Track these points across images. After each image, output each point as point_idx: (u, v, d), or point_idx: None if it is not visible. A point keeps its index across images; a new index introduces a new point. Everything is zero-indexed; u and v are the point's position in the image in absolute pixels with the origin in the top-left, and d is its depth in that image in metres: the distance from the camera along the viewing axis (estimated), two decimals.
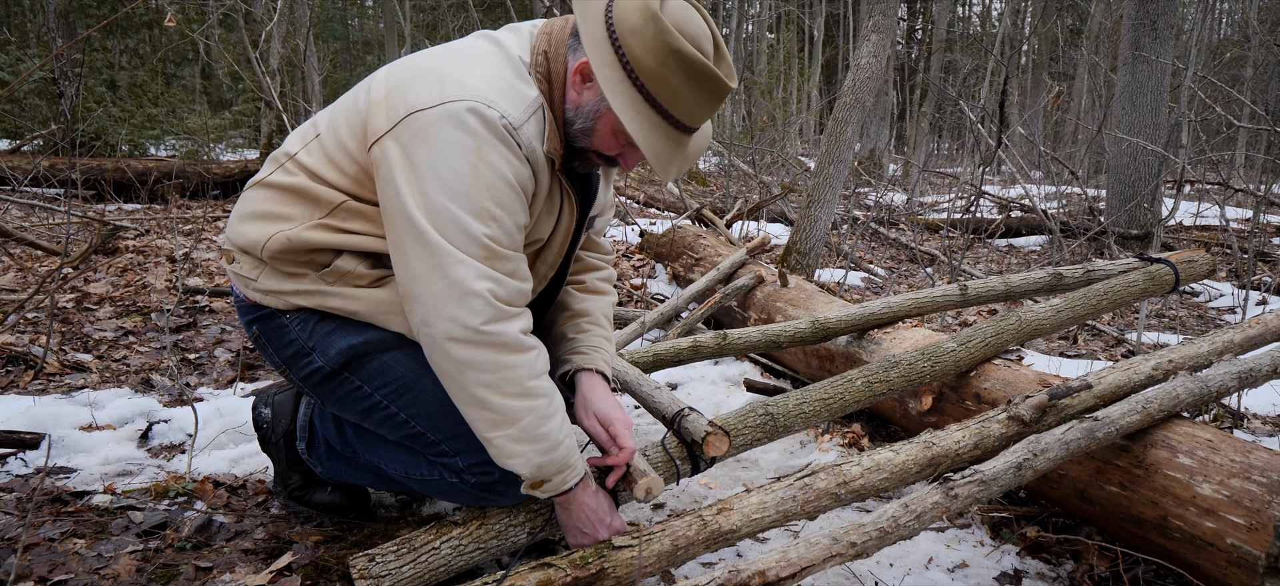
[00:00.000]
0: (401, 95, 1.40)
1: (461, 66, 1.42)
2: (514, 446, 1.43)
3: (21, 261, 4.47)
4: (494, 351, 1.38)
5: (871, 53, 4.42)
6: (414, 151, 1.36)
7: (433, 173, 1.35)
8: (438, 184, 1.34)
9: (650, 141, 1.42)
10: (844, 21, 25.31)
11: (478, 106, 1.36)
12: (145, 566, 1.65)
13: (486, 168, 1.36)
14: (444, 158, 1.35)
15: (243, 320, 1.66)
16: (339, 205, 1.49)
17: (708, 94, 1.41)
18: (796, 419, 1.90)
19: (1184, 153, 6.89)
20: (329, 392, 1.61)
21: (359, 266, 1.52)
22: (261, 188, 1.58)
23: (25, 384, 2.71)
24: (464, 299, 1.35)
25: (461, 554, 1.52)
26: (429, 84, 1.39)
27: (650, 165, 1.45)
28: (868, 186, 10.51)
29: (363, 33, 25.43)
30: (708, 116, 1.46)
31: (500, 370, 1.39)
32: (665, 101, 1.40)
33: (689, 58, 1.36)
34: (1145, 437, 1.75)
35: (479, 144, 1.35)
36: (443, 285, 1.36)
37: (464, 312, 1.36)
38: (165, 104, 10.45)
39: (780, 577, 1.37)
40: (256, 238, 1.54)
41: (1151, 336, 4.08)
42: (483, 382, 1.39)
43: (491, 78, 1.41)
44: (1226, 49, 16.45)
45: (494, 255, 1.38)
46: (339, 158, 1.49)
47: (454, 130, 1.35)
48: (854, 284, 5.30)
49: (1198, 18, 15.54)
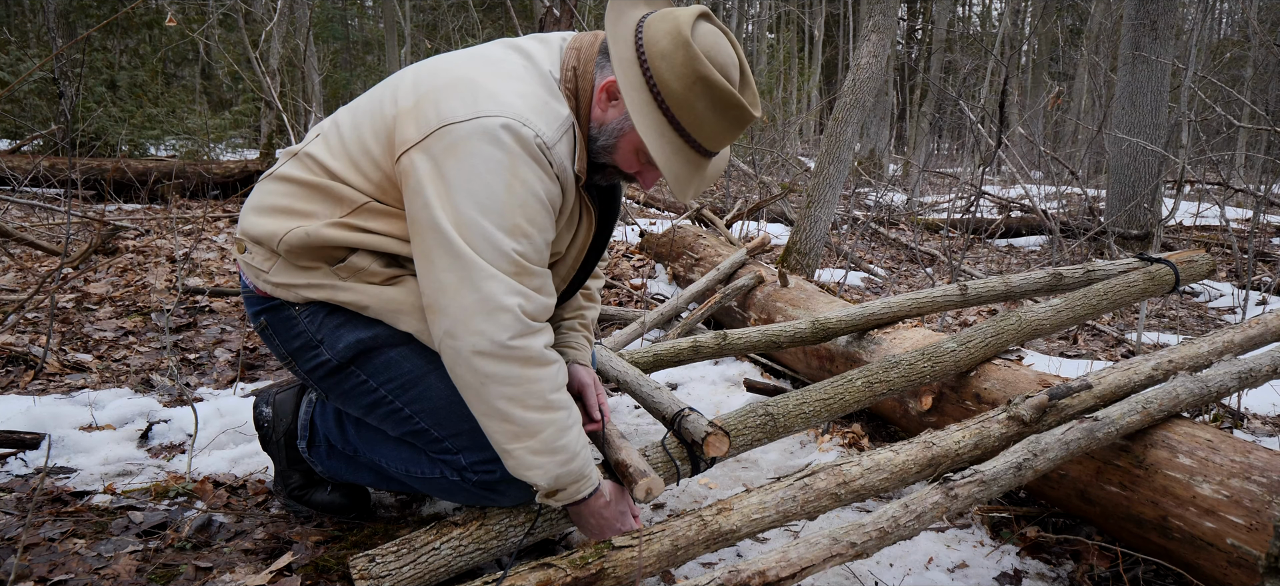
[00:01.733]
0: (433, 105, 1.39)
1: (496, 80, 1.42)
2: (533, 458, 1.44)
3: (21, 261, 4.47)
4: (519, 366, 1.39)
5: (871, 53, 4.42)
6: (446, 165, 1.35)
7: (466, 187, 1.34)
8: (470, 199, 1.34)
9: (671, 164, 1.43)
10: (844, 21, 25.31)
11: (512, 124, 1.35)
12: (145, 566, 1.65)
13: (521, 185, 1.36)
14: (478, 173, 1.34)
15: (250, 311, 1.66)
16: (361, 206, 1.49)
17: (731, 122, 1.43)
18: (796, 419, 1.91)
19: (1184, 153, 6.89)
20: (334, 386, 1.62)
21: (373, 264, 1.53)
22: (279, 181, 1.58)
23: (25, 384, 2.71)
24: (494, 314, 1.36)
25: (461, 554, 1.52)
26: (463, 95, 1.38)
27: (669, 185, 1.46)
28: (868, 186, 10.51)
29: (363, 33, 25.43)
30: (729, 142, 1.48)
31: (524, 383, 1.40)
32: (689, 126, 1.42)
33: (716, 86, 1.38)
34: (1145, 438, 1.75)
35: (513, 161, 1.35)
36: (472, 298, 1.36)
37: (493, 327, 1.36)
38: (165, 104, 10.45)
39: (780, 577, 1.37)
40: (273, 230, 1.53)
41: (1151, 336, 4.08)
42: (506, 395, 1.40)
43: (526, 94, 1.41)
44: (1226, 49, 16.46)
45: (523, 271, 1.39)
46: (362, 162, 1.49)
47: (488, 146, 1.34)
48: (854, 284, 5.30)
49: (1198, 18, 15.53)
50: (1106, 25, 17.23)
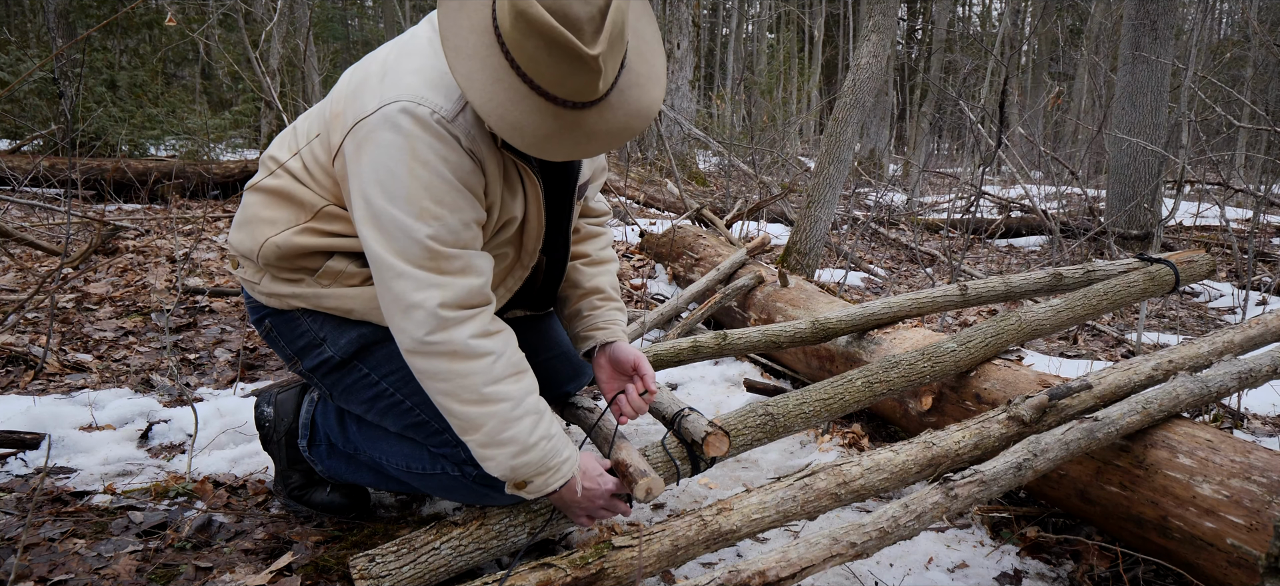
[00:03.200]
0: (353, 103, 1.41)
1: (399, 62, 1.40)
2: (483, 451, 1.45)
3: (21, 261, 4.47)
4: (445, 360, 1.39)
5: (871, 53, 4.42)
6: (361, 160, 1.37)
7: (374, 178, 1.36)
8: (378, 188, 1.35)
9: (511, 114, 1.29)
10: (844, 21, 25.31)
11: (408, 105, 1.34)
12: (145, 566, 1.65)
13: (422, 167, 1.34)
14: (381, 162, 1.35)
15: (253, 317, 1.71)
16: (321, 208, 1.53)
17: (563, 59, 1.23)
18: (796, 419, 1.91)
19: (1184, 153, 6.89)
20: (337, 381, 1.64)
21: (349, 266, 1.56)
22: (254, 192, 1.63)
23: (25, 384, 2.71)
24: (408, 312, 1.37)
25: (461, 554, 1.52)
26: (371, 87, 1.39)
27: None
28: (868, 186, 10.51)
29: (363, 33, 25.44)
30: (577, 90, 1.27)
31: (454, 378, 1.40)
32: (527, 69, 1.27)
33: (536, 20, 1.21)
34: (1145, 438, 1.75)
35: (412, 143, 1.33)
36: (388, 298, 1.39)
37: (410, 325, 1.38)
38: (165, 104, 10.44)
39: (780, 577, 1.37)
40: (251, 245, 1.59)
41: (1151, 336, 4.08)
42: (441, 390, 1.42)
43: (423, 69, 1.38)
44: (1226, 49, 16.45)
45: (437, 256, 1.37)
46: (314, 168, 1.54)
47: (388, 134, 1.34)
48: (854, 284, 5.30)
49: (1198, 18, 15.54)
50: (1106, 25, 17.23)
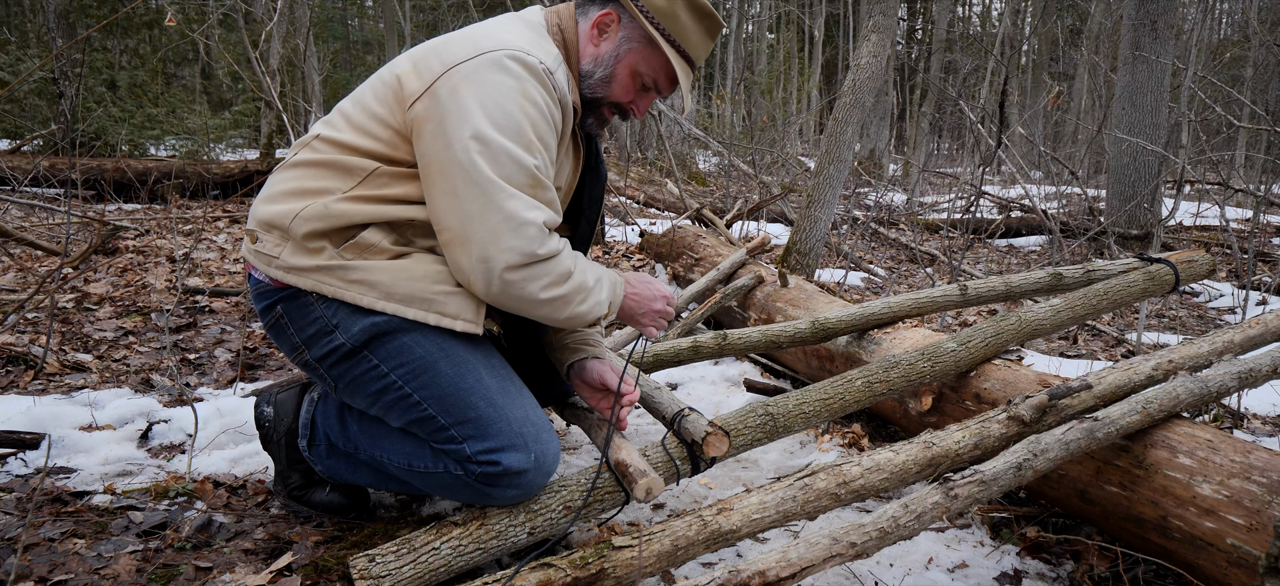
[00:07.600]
0: (435, 56, 1.53)
1: (491, 28, 1.59)
2: (584, 308, 1.60)
3: (21, 261, 4.47)
4: (543, 264, 1.52)
5: (871, 53, 4.42)
6: (461, 96, 1.47)
7: (482, 111, 1.47)
8: (487, 121, 1.46)
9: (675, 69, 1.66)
10: (844, 21, 25.31)
11: (516, 53, 1.51)
12: (145, 566, 1.65)
13: (530, 104, 1.50)
14: (491, 97, 1.47)
15: (261, 305, 1.66)
16: (371, 173, 1.56)
17: (706, 30, 1.69)
18: (796, 419, 1.90)
19: (1184, 153, 6.88)
20: (344, 372, 1.62)
21: (383, 239, 1.57)
22: (290, 168, 1.64)
23: (25, 384, 2.71)
24: (520, 229, 1.48)
25: (461, 554, 1.52)
26: (462, 43, 1.54)
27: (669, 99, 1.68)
28: (868, 186, 10.51)
29: (363, 33, 25.44)
30: (706, 53, 1.72)
31: (552, 271, 1.54)
32: (677, 37, 1.65)
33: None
34: (1145, 438, 1.75)
35: (522, 83, 1.50)
36: (498, 218, 1.47)
37: (521, 241, 1.48)
38: (165, 104, 10.45)
39: (780, 577, 1.37)
40: (287, 210, 1.58)
41: (1151, 336, 4.08)
42: (545, 287, 1.54)
43: (521, 34, 1.59)
44: (1226, 49, 16.45)
45: (540, 185, 1.52)
46: (370, 126, 1.57)
47: (496, 73, 1.49)
48: (854, 284, 5.30)
49: (1198, 18, 15.52)
50: (1106, 25, 17.24)
